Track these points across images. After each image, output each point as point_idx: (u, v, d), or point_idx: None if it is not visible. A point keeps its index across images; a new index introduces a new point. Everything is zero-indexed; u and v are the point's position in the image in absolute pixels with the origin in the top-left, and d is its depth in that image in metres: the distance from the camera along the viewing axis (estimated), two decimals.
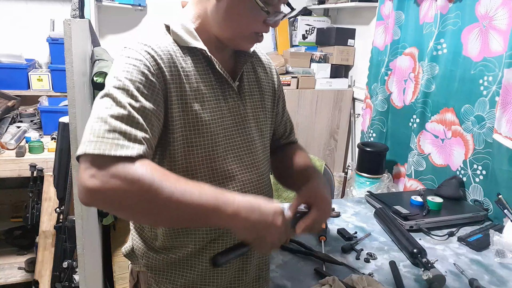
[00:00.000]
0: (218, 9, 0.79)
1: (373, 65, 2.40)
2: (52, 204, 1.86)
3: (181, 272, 0.88)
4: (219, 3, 0.79)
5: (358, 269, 1.14)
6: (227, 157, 0.85)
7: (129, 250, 0.96)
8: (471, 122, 1.69)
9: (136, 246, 0.93)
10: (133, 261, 0.96)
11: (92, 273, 1.41)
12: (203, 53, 0.82)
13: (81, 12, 2.02)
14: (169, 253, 0.87)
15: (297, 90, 2.75)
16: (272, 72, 1.02)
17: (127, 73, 0.72)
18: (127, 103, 0.70)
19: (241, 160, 0.88)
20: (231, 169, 0.86)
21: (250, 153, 0.90)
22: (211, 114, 0.82)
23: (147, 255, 0.90)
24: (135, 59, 0.74)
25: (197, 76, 0.81)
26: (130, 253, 0.96)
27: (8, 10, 2.49)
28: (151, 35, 0.81)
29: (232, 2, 0.78)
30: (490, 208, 1.58)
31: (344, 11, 3.03)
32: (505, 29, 1.54)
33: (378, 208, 1.49)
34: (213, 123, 0.82)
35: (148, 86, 0.73)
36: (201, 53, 0.82)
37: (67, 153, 1.63)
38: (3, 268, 2.06)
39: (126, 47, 0.78)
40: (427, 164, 1.95)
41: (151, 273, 0.91)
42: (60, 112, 2.16)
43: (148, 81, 0.74)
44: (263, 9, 0.77)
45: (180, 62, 0.79)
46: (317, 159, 2.14)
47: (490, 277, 1.16)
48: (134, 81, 0.72)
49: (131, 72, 0.73)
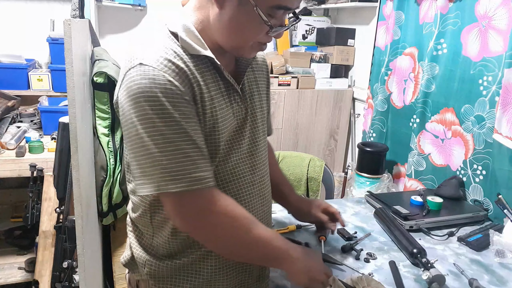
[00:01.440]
0: (221, 18, 0.77)
1: (375, 65, 2.40)
2: (52, 204, 1.86)
3: (187, 277, 0.88)
4: (222, 11, 0.76)
5: (358, 269, 1.14)
6: (235, 160, 0.86)
7: (128, 259, 0.95)
8: (471, 122, 1.69)
9: (137, 255, 0.92)
10: (133, 270, 0.95)
11: (92, 273, 1.41)
12: (211, 60, 0.80)
13: (81, 12, 2.02)
14: (174, 260, 0.87)
15: (297, 90, 2.75)
16: (267, 69, 1.02)
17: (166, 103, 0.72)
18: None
19: (246, 162, 0.88)
20: (237, 172, 0.86)
21: (254, 155, 0.91)
22: (223, 121, 0.82)
23: (150, 263, 0.89)
24: (170, 88, 0.72)
25: (209, 85, 0.80)
26: (130, 262, 0.95)
27: (8, 10, 2.49)
28: (159, 41, 0.78)
29: (235, 13, 0.75)
30: (490, 208, 1.58)
31: (344, 11, 3.03)
32: (504, 29, 1.54)
33: (378, 208, 1.49)
34: (224, 130, 0.82)
35: (189, 112, 0.75)
36: (208, 59, 0.80)
37: (67, 153, 1.62)
38: (3, 268, 2.06)
39: (146, 65, 0.73)
40: (427, 164, 1.95)
41: (153, 280, 0.90)
42: (60, 112, 2.16)
43: (189, 107, 0.75)
44: (266, 23, 0.75)
45: (195, 73, 0.77)
46: (317, 159, 2.14)
47: (490, 277, 1.16)
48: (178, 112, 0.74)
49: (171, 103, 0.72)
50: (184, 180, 0.73)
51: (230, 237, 0.80)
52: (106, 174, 1.58)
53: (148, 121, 0.71)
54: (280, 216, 1.46)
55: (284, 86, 2.72)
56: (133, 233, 0.94)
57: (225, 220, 0.79)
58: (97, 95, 1.57)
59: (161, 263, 0.87)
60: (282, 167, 2.15)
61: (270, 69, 2.66)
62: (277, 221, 1.41)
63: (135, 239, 0.93)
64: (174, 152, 0.73)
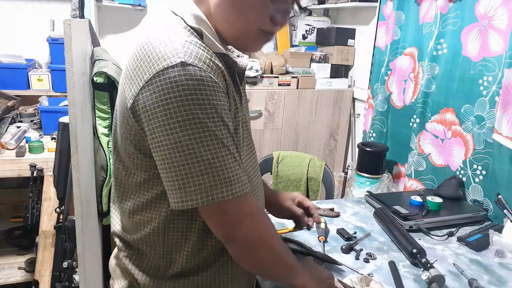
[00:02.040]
0: (223, 4, 0.73)
1: (375, 66, 2.40)
2: (52, 204, 1.86)
3: None
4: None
5: (358, 269, 1.14)
6: (245, 162, 0.84)
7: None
8: (471, 122, 1.69)
9: (141, 280, 0.82)
10: None
11: (92, 273, 1.41)
12: (225, 58, 0.76)
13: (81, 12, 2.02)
14: (192, 276, 0.81)
15: (297, 90, 2.75)
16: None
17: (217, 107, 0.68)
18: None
19: (251, 162, 0.87)
20: (248, 173, 0.84)
21: (253, 154, 0.90)
22: (241, 121, 0.80)
23: (160, 286, 0.81)
24: (217, 90, 0.68)
25: (229, 86, 0.75)
26: None
27: (8, 10, 2.49)
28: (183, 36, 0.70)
29: None
30: (490, 208, 1.58)
31: (344, 11, 3.03)
32: (504, 29, 1.54)
33: (377, 208, 1.49)
34: (242, 132, 0.81)
35: (230, 114, 0.73)
36: (222, 57, 0.76)
37: (67, 153, 1.62)
38: (3, 268, 2.06)
39: (191, 65, 0.66)
40: (427, 164, 1.95)
41: None
42: (60, 112, 2.15)
43: (228, 109, 0.72)
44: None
45: (225, 73, 0.74)
46: (317, 159, 2.14)
47: (489, 277, 1.16)
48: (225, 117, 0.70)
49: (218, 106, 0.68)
50: (238, 185, 0.70)
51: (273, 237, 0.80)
52: (106, 174, 1.58)
53: (198, 125, 0.65)
54: None
55: (284, 86, 2.72)
56: (129, 258, 0.84)
57: (267, 220, 0.79)
58: (97, 95, 1.57)
59: (175, 283, 0.81)
60: (282, 167, 2.15)
61: (270, 69, 2.69)
62: (277, 221, 1.41)
63: (135, 264, 0.84)
64: (228, 157, 0.69)
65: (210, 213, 0.72)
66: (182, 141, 0.66)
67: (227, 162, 0.69)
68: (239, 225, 0.73)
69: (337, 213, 1.50)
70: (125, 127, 0.73)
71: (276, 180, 2.13)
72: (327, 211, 1.50)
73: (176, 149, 0.66)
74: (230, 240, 0.74)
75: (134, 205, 0.80)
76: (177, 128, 0.65)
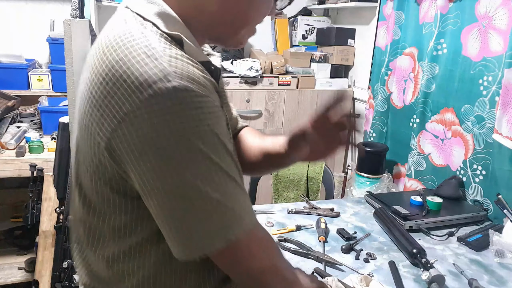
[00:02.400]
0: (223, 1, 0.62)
1: (375, 66, 2.40)
2: (52, 204, 1.86)
3: None
4: None
5: (358, 269, 1.14)
6: None
7: None
8: (471, 122, 1.69)
9: None
10: None
11: None
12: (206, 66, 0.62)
13: (81, 12, 2.02)
14: None
15: (297, 90, 2.75)
16: None
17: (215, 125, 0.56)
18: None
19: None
20: None
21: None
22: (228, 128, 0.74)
23: None
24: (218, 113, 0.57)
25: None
26: None
27: (8, 10, 2.49)
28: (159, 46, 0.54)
29: None
30: (490, 208, 1.58)
31: (344, 11, 3.03)
32: (504, 29, 1.54)
33: (377, 208, 1.49)
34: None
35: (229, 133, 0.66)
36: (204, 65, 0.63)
37: (67, 153, 1.63)
38: (3, 268, 2.06)
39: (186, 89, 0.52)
40: (427, 164, 1.95)
41: None
42: (60, 112, 2.16)
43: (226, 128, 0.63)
44: None
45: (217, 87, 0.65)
46: None
47: (489, 277, 1.16)
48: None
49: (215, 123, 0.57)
50: (248, 218, 0.61)
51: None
52: None
53: (201, 161, 0.54)
54: (280, 216, 1.46)
55: (284, 86, 2.72)
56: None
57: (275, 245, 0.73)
58: None
59: None
60: None
61: (270, 69, 2.69)
62: (277, 221, 1.41)
63: None
64: (236, 190, 0.59)
65: (221, 256, 0.61)
66: (185, 183, 0.54)
67: (236, 197, 0.59)
68: (253, 259, 0.64)
69: (337, 213, 1.50)
70: (97, 167, 0.58)
71: (276, 180, 2.13)
72: (327, 211, 1.50)
73: (178, 194, 0.54)
74: (243, 275, 0.66)
75: (112, 253, 0.65)
76: (177, 169, 0.53)
